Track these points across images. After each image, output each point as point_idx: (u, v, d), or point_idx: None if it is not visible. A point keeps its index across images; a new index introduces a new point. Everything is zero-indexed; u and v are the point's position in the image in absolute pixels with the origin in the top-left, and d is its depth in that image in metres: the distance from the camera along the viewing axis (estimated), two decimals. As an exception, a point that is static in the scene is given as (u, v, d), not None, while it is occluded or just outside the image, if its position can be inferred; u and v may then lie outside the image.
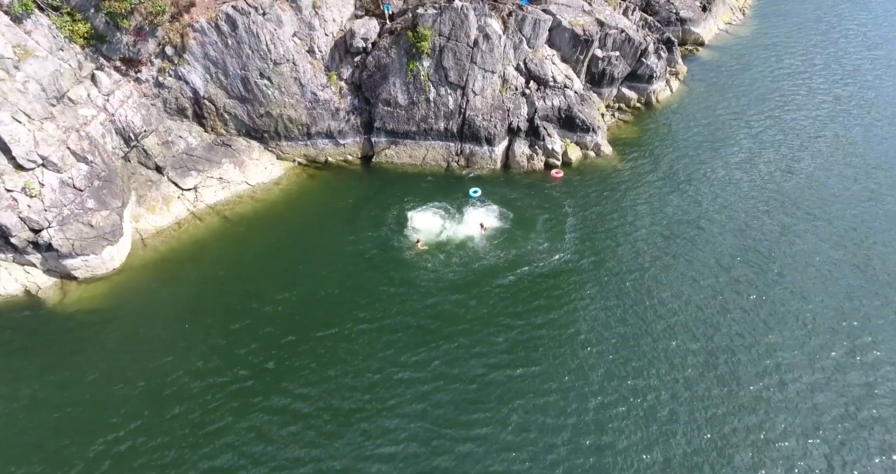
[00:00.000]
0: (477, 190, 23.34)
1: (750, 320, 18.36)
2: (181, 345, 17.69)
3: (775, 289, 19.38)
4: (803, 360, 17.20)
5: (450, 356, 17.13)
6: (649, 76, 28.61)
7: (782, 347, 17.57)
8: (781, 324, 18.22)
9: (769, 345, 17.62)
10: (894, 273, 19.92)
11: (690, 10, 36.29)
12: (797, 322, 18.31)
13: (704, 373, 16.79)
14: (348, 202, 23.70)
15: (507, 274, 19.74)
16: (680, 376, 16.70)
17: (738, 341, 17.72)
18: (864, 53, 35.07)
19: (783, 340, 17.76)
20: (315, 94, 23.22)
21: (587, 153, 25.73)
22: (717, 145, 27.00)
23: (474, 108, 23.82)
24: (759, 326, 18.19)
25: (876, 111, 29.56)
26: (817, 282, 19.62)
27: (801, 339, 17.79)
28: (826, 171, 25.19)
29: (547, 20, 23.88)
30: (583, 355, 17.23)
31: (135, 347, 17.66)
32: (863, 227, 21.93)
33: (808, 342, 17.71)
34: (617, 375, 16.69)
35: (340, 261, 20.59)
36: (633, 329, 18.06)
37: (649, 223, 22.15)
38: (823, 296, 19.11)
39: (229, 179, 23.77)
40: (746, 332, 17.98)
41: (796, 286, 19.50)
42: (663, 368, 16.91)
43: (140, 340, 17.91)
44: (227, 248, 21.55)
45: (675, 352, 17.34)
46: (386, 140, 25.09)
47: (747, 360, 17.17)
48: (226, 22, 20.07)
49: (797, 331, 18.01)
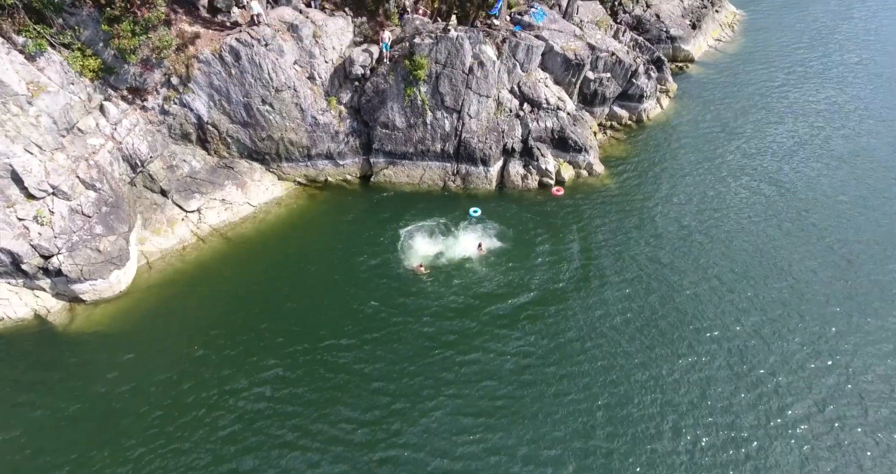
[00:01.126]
0: (477, 210, 24.02)
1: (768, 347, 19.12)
2: (188, 363, 18.27)
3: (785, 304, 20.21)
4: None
5: (457, 387, 17.61)
6: (640, 95, 29.47)
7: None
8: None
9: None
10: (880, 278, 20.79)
11: (680, 29, 37.30)
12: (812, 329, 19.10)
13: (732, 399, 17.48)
14: (348, 221, 24.36)
15: (507, 297, 20.34)
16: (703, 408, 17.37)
17: (757, 362, 18.46)
18: (848, 65, 36.24)
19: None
20: (315, 118, 23.93)
21: (580, 172, 26.50)
22: (706, 160, 28.03)
23: (470, 130, 24.57)
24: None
25: (860, 121, 30.89)
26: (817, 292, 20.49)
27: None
28: (811, 181, 26.45)
29: (539, 46, 24.70)
30: (594, 394, 17.80)
31: (142, 365, 18.22)
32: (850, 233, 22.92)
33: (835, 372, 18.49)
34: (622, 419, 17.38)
35: (341, 282, 21.21)
36: (644, 354, 18.78)
37: (644, 240, 23.00)
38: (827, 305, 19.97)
39: (232, 200, 24.40)
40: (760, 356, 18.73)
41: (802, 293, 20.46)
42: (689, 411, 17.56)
43: (147, 359, 18.47)
44: (230, 270, 22.14)
45: (697, 382, 18.04)
46: (384, 161, 25.80)
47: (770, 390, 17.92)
48: (229, 53, 20.79)
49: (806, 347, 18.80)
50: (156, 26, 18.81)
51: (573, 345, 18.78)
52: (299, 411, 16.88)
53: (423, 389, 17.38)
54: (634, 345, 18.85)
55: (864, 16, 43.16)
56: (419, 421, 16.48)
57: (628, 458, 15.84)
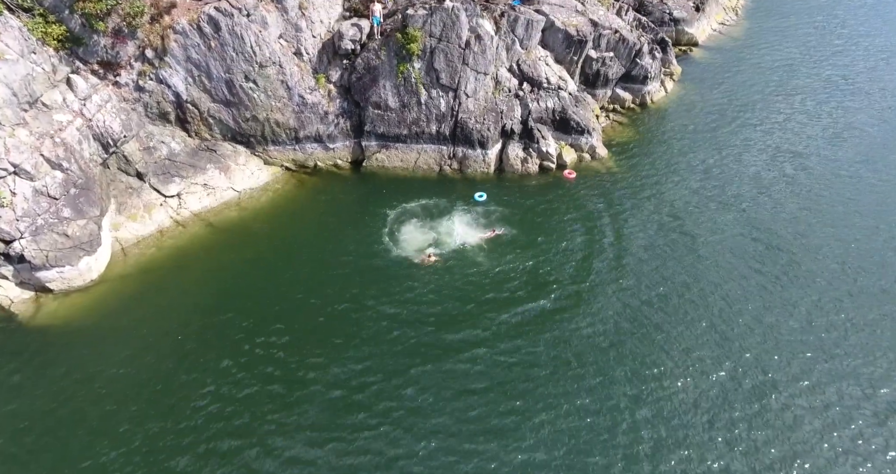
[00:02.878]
0: (483, 194, 22.73)
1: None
2: (165, 357, 16.90)
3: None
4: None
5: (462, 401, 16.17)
6: (644, 77, 28.18)
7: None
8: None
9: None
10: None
11: (684, 11, 35.98)
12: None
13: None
14: (338, 209, 23.00)
15: (515, 291, 18.78)
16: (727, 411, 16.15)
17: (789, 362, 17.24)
18: (854, 50, 35.25)
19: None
20: (303, 97, 22.51)
21: (582, 155, 25.21)
22: (715, 144, 26.84)
23: (467, 110, 23.21)
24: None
25: (870, 97, 30.13)
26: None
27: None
28: (824, 156, 25.61)
29: (540, 21, 23.35)
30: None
31: (114, 360, 16.85)
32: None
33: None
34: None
35: (331, 272, 19.86)
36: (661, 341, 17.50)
37: (660, 228, 21.67)
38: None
39: (214, 185, 22.98)
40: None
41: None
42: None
43: (120, 353, 17.10)
44: (213, 257, 20.77)
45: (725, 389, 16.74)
46: (376, 144, 24.42)
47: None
48: (208, 23, 19.32)
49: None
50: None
51: (595, 348, 17.29)
52: (282, 418, 15.51)
53: (420, 400, 15.88)
54: (669, 353, 17.19)
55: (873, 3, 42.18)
56: (417, 445, 14.88)
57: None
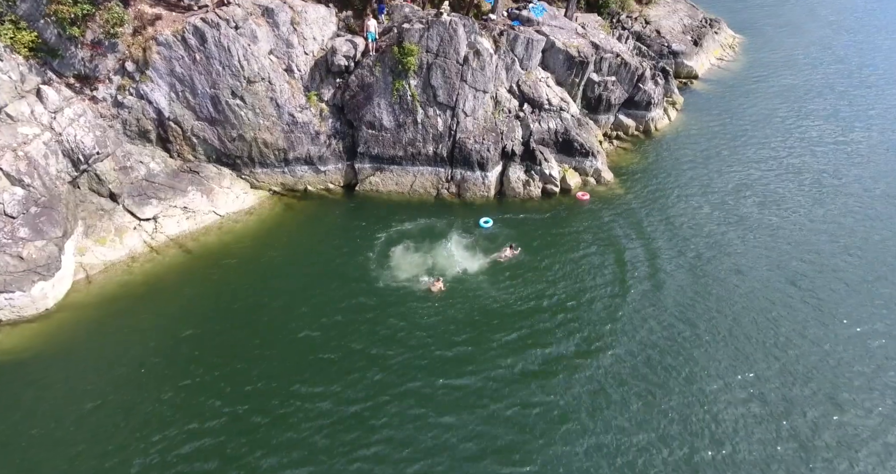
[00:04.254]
0: (488, 220, 21.22)
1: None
2: (124, 398, 14.65)
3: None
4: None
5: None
6: (647, 103, 27.40)
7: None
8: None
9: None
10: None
11: (682, 44, 36.03)
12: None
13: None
14: (328, 234, 21.32)
15: (528, 327, 16.91)
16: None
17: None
18: (847, 86, 35.25)
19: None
20: (293, 115, 21.40)
21: (587, 179, 23.87)
22: (721, 170, 25.69)
23: (465, 129, 22.07)
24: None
25: (868, 125, 29.51)
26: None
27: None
28: (833, 177, 24.80)
29: (540, 41, 22.71)
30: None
31: (66, 400, 14.58)
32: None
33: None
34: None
35: (318, 303, 17.92)
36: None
37: (675, 257, 20.07)
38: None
39: (195, 209, 21.38)
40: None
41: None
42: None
43: (73, 388, 14.85)
44: (188, 285, 18.84)
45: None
46: (370, 166, 23.10)
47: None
48: (193, 35, 18.46)
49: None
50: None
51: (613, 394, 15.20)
52: (259, 463, 13.11)
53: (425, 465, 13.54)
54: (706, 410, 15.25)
55: (856, 33, 43.09)
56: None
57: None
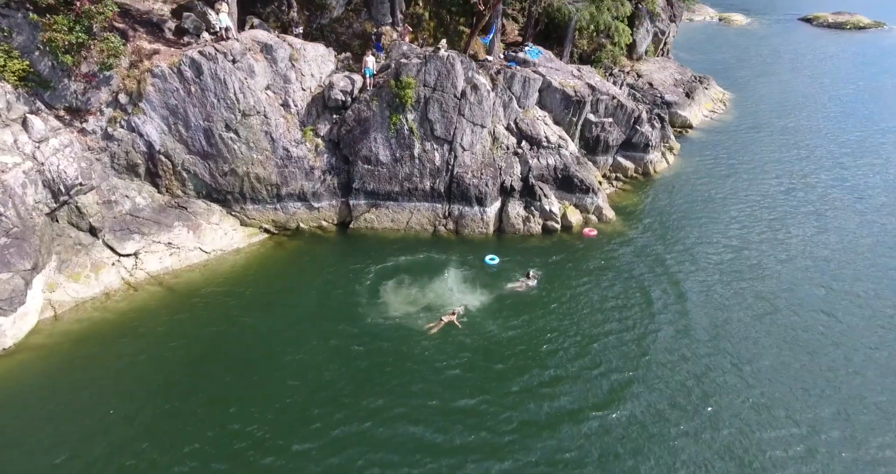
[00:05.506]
0: (494, 257, 20.22)
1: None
2: (87, 453, 12.82)
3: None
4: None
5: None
6: (645, 145, 27.38)
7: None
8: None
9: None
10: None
11: (675, 95, 37.01)
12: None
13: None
14: (318, 272, 20.14)
15: (548, 369, 15.53)
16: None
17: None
18: (834, 137, 35.79)
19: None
20: (287, 150, 21.01)
21: (588, 217, 23.11)
22: (721, 210, 25.25)
23: (463, 164, 21.61)
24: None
25: (851, 166, 29.84)
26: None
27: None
28: (809, 226, 23.80)
29: (537, 79, 22.95)
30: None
31: (18, 457, 12.68)
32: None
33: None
34: None
35: (310, 347, 16.42)
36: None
37: (690, 292, 18.97)
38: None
39: (180, 245, 20.33)
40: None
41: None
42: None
43: (26, 448, 12.96)
44: (166, 326, 17.36)
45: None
46: (365, 202, 22.38)
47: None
48: (190, 67, 18.44)
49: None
50: (101, 28, 16.49)
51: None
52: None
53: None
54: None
55: (834, 82, 44.99)
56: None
57: None
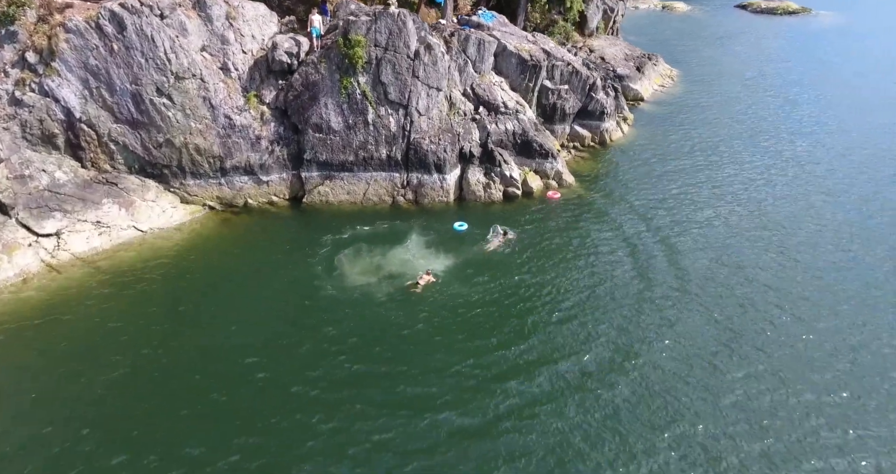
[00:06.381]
0: (463, 223, 19.54)
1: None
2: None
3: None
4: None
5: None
6: (600, 113, 27.40)
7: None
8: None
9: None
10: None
11: (627, 69, 37.51)
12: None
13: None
14: (273, 251, 18.73)
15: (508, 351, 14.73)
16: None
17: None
18: (771, 106, 37.49)
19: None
20: (230, 118, 19.45)
21: (548, 182, 22.84)
22: (679, 175, 25.62)
23: (420, 129, 20.75)
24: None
25: (794, 134, 30.82)
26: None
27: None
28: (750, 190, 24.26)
29: (492, 42, 22.34)
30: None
31: None
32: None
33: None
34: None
35: (257, 329, 15.12)
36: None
37: (667, 253, 18.83)
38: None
39: (110, 223, 18.45)
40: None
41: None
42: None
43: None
44: (94, 309, 15.66)
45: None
46: (318, 174, 21.13)
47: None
48: (110, 21, 16.58)
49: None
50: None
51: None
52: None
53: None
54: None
55: (782, 63, 46.77)
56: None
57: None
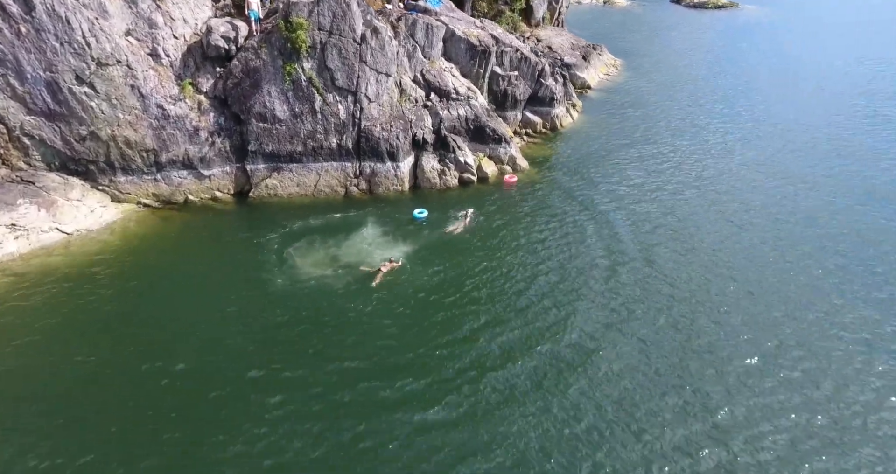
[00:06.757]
0: (423, 210, 19.07)
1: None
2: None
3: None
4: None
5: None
6: (550, 99, 27.69)
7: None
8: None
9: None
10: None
11: (573, 58, 38.18)
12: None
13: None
14: (218, 248, 17.62)
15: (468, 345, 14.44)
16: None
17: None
18: (708, 88, 39.44)
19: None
20: (163, 108, 18.09)
21: (503, 168, 22.82)
22: (630, 157, 26.27)
23: (370, 116, 20.11)
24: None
25: (737, 122, 32.24)
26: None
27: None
28: (713, 158, 25.26)
29: (440, 27, 21.98)
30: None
31: None
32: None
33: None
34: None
35: (208, 326, 14.13)
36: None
37: (625, 234, 19.01)
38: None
39: (28, 226, 16.74)
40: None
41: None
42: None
43: None
44: (11, 319, 14.10)
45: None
46: (265, 167, 20.09)
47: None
48: (15, 0, 14.94)
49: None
50: None
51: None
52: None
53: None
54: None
55: (713, 52, 49.34)
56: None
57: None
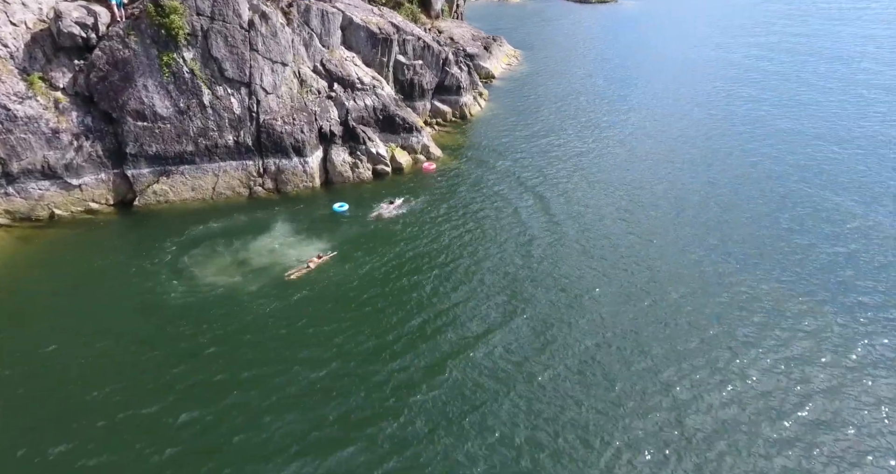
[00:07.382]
0: (343, 204, 18.20)
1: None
2: None
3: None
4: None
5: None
6: (457, 87, 27.76)
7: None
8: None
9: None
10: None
11: (476, 48, 38.67)
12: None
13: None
14: (98, 265, 15.46)
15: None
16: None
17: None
18: (600, 72, 42.11)
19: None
20: (6, 108, 15.32)
21: (417, 157, 22.44)
22: (540, 141, 27.05)
23: (269, 109, 18.63)
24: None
25: (630, 102, 34.74)
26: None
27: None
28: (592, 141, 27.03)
29: (336, 14, 20.92)
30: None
31: None
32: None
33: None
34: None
35: (98, 352, 12.24)
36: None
37: (518, 218, 19.20)
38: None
39: None
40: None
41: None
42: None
43: None
44: None
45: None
46: (150, 171, 17.86)
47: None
48: None
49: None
50: None
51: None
52: None
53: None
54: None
55: (599, 41, 52.76)
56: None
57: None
